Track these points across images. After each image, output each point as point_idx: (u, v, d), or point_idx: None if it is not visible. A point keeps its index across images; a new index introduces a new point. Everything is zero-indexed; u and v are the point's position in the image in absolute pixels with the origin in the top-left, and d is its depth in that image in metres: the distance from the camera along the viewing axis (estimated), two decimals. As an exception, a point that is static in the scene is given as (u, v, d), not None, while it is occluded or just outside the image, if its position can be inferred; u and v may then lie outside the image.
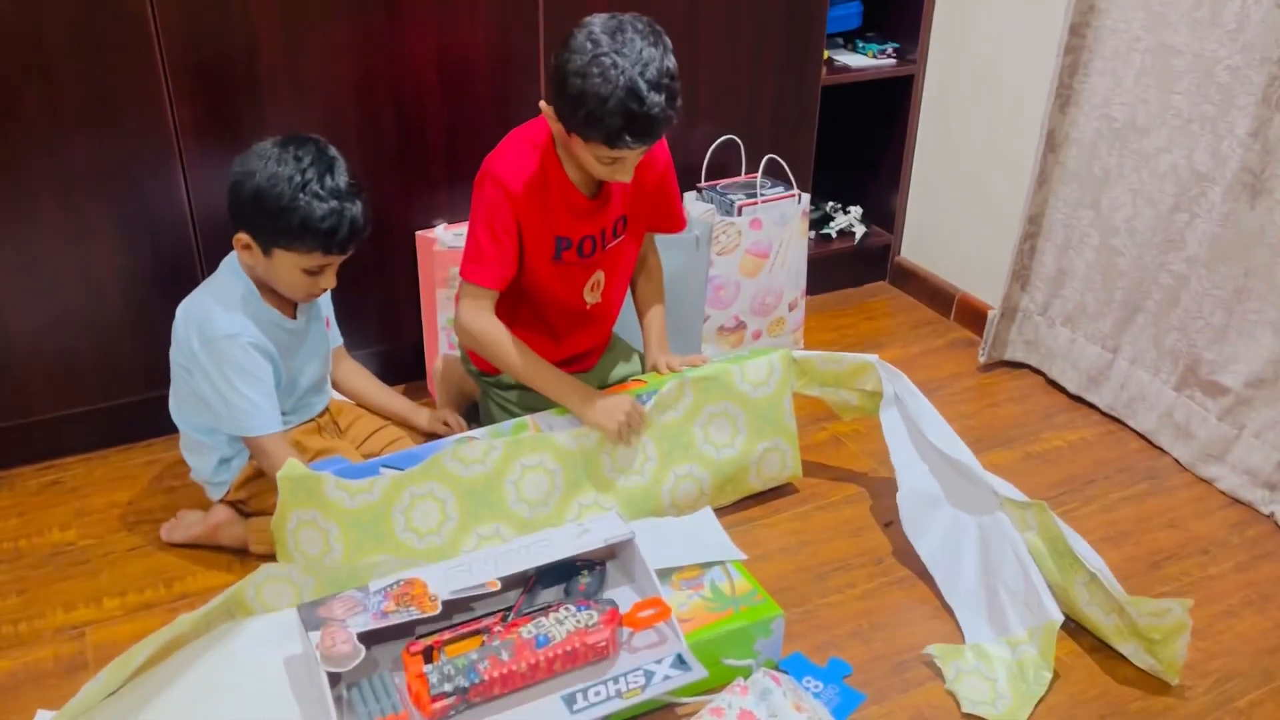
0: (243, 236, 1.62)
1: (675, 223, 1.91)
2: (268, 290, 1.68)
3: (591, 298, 1.84)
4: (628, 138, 1.54)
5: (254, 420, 1.65)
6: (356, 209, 1.61)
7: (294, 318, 1.73)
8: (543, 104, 1.63)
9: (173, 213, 1.88)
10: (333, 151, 1.63)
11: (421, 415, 1.97)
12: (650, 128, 1.54)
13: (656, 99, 1.52)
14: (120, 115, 1.78)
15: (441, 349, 2.13)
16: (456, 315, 1.75)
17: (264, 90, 1.87)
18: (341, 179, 1.61)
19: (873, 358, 1.84)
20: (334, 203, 1.58)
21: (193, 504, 1.82)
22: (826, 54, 2.45)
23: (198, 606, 1.61)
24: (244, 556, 1.74)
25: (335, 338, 1.90)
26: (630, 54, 1.51)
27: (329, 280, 1.67)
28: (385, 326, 2.17)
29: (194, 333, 1.63)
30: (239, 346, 1.61)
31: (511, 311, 1.78)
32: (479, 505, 1.62)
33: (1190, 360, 2.01)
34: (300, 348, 1.75)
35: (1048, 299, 2.27)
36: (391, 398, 1.98)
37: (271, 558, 1.59)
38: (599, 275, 1.83)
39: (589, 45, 1.52)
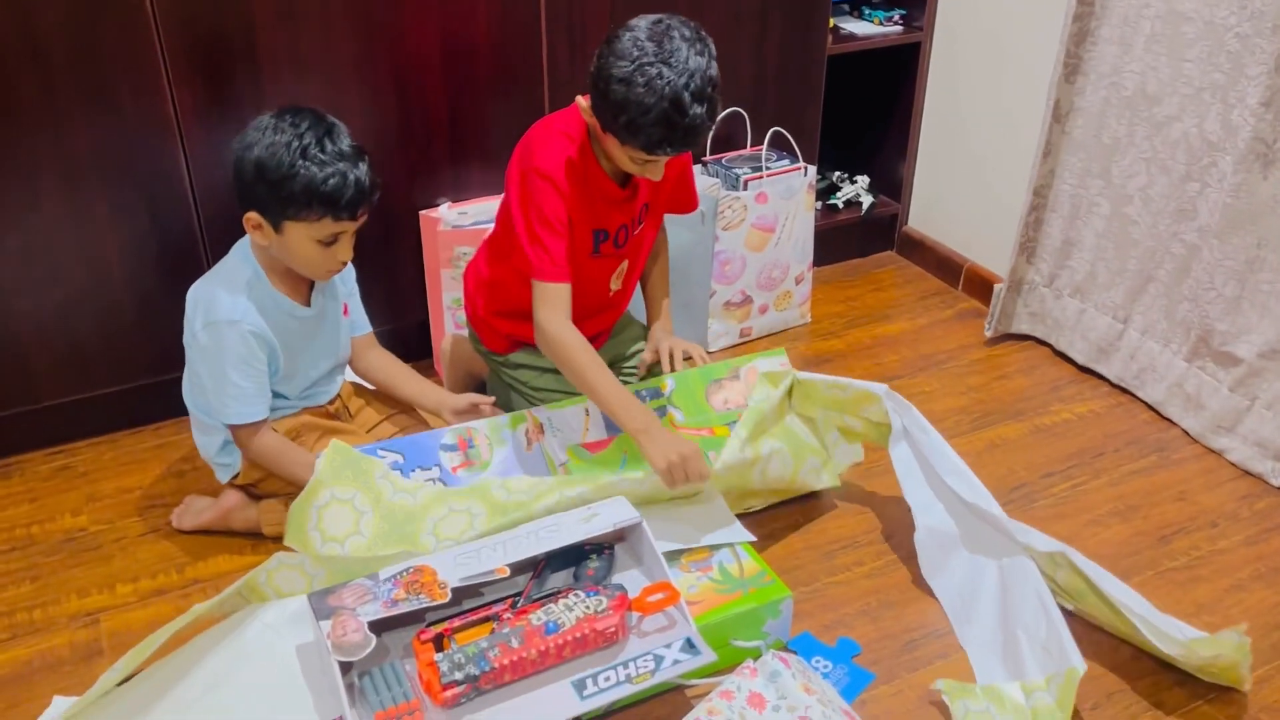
0: (252, 216, 1.59)
1: (691, 203, 1.90)
2: (282, 274, 1.66)
3: (615, 285, 1.83)
4: (668, 148, 1.53)
5: (238, 407, 1.63)
6: (361, 171, 1.58)
7: (308, 305, 1.70)
8: (580, 100, 1.60)
9: (175, 195, 1.88)
10: (331, 118, 1.60)
11: (452, 404, 1.83)
12: (691, 138, 1.53)
13: (699, 111, 1.50)
14: (119, 99, 1.77)
15: (447, 329, 2.13)
16: (539, 323, 1.65)
17: (264, 70, 1.85)
18: (343, 142, 1.58)
19: (881, 388, 1.70)
20: (338, 164, 1.55)
21: (203, 489, 1.82)
22: (832, 21, 2.42)
23: (210, 592, 1.64)
24: (256, 541, 1.75)
25: (362, 325, 1.85)
26: (677, 64, 1.48)
27: (345, 251, 1.64)
28: (390, 307, 2.16)
29: (199, 314, 1.62)
30: (238, 332, 1.60)
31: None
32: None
33: (1202, 331, 1.99)
34: (313, 339, 1.73)
35: (1054, 270, 2.26)
36: (423, 386, 1.85)
37: (280, 541, 1.59)
38: (625, 264, 1.82)
39: (634, 51, 1.49)
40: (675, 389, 1.80)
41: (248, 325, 1.61)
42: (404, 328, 2.20)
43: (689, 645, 1.40)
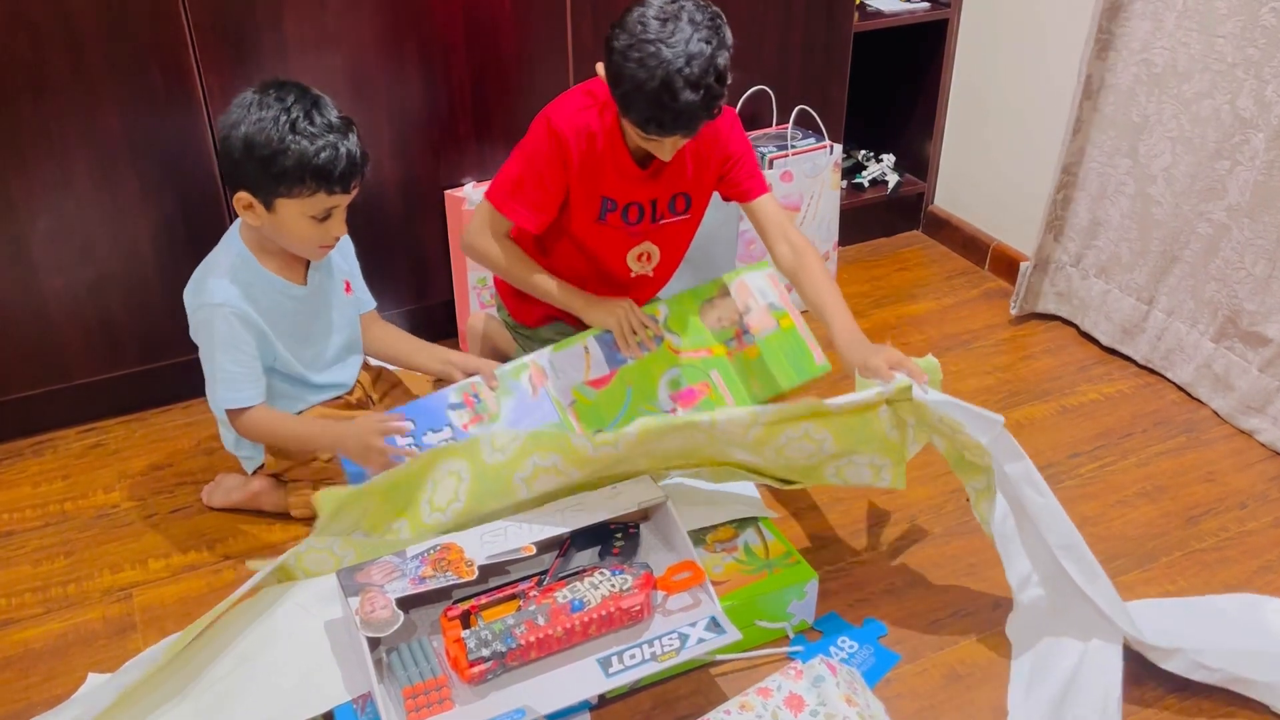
0: (243, 195, 1.56)
1: (753, 189, 1.79)
2: (275, 255, 1.64)
3: (639, 268, 1.82)
4: (655, 128, 1.53)
5: (225, 391, 1.61)
6: (352, 142, 1.55)
7: (304, 283, 1.68)
8: (599, 66, 1.60)
9: (204, 174, 1.89)
10: (316, 91, 1.57)
11: (461, 363, 1.76)
12: (679, 123, 1.53)
13: (690, 97, 1.49)
14: (149, 78, 1.78)
15: (473, 307, 2.13)
16: (467, 233, 1.78)
17: (290, 49, 1.86)
18: (331, 114, 1.55)
19: (994, 428, 1.45)
20: (328, 137, 1.52)
21: (232, 466, 1.84)
22: (859, -1, 2.40)
23: (240, 568, 1.66)
24: (285, 520, 1.77)
25: (366, 302, 1.84)
26: (676, 45, 1.48)
27: (339, 226, 1.61)
28: (416, 286, 2.17)
29: (190, 302, 1.63)
30: (221, 315, 1.59)
31: (553, 270, 1.79)
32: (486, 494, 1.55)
33: (1230, 311, 1.97)
34: (315, 317, 1.71)
35: (1081, 250, 2.24)
36: (431, 352, 1.81)
37: (311, 523, 1.60)
38: (648, 247, 1.81)
39: (638, 28, 1.49)
40: (669, 314, 1.82)
41: (231, 308, 1.59)
42: (430, 307, 2.21)
43: (714, 624, 1.41)
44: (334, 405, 1.77)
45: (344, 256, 1.77)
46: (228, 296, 1.59)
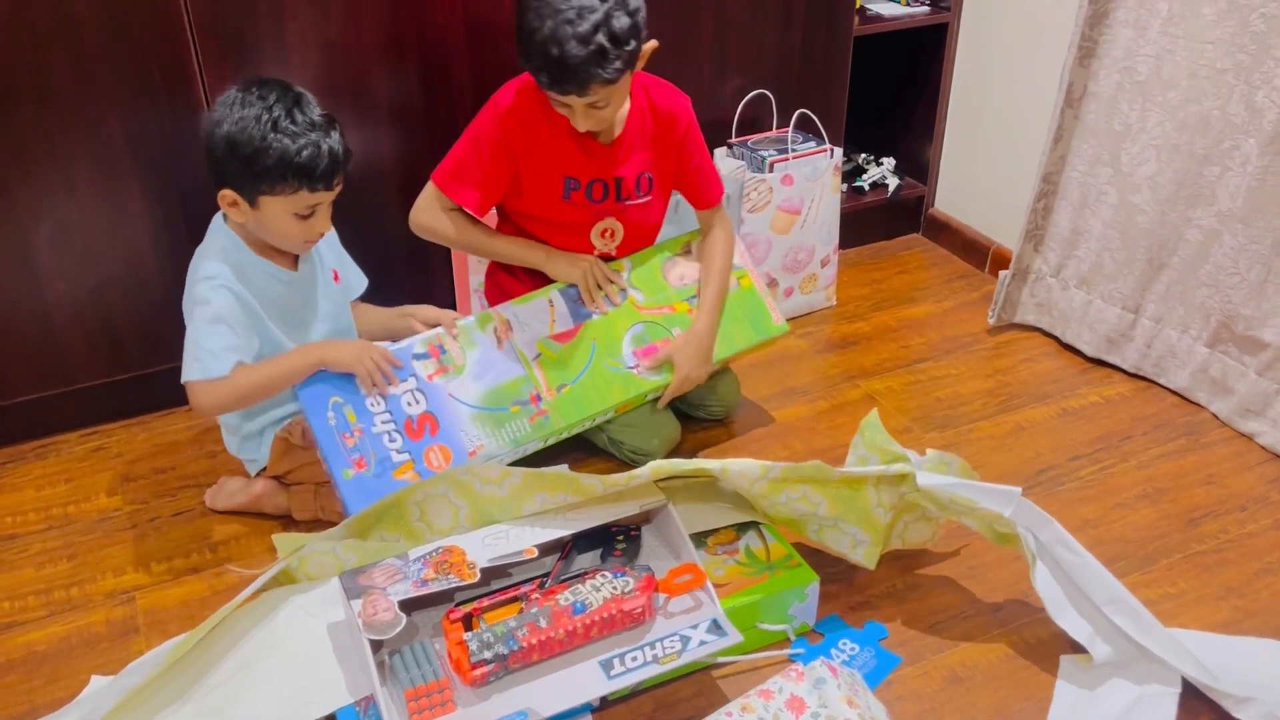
0: (227, 193, 1.57)
1: (709, 195, 1.90)
2: (262, 247, 1.64)
3: (602, 244, 1.85)
4: (544, 79, 1.58)
5: (202, 363, 1.57)
6: (334, 140, 1.56)
7: (294, 269, 1.68)
8: None
9: (205, 180, 1.87)
10: (299, 88, 1.58)
11: (421, 315, 1.79)
12: (567, 77, 1.56)
13: (577, 51, 1.53)
14: (151, 85, 1.79)
15: (474, 311, 2.13)
16: (415, 212, 1.81)
17: (292, 52, 1.86)
18: (313, 112, 1.56)
19: (1012, 500, 1.45)
20: (310, 135, 1.53)
21: (234, 469, 1.85)
22: (859, 3, 2.40)
23: (242, 571, 1.67)
24: (287, 523, 1.77)
25: (355, 287, 1.82)
26: (573, 1, 1.53)
27: (323, 223, 1.62)
28: (417, 291, 2.16)
29: (188, 279, 1.62)
30: (212, 287, 1.58)
31: None
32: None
33: (1224, 316, 1.97)
34: (304, 304, 1.70)
35: (1061, 260, 2.22)
36: (386, 313, 1.83)
37: (313, 525, 1.61)
38: (612, 223, 1.84)
39: None
40: (632, 269, 1.86)
41: (222, 280, 1.58)
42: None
43: (715, 626, 1.41)
44: None
45: (329, 247, 1.77)
46: (219, 272, 1.59)
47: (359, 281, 1.85)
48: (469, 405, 1.69)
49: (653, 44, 1.67)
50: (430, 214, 1.81)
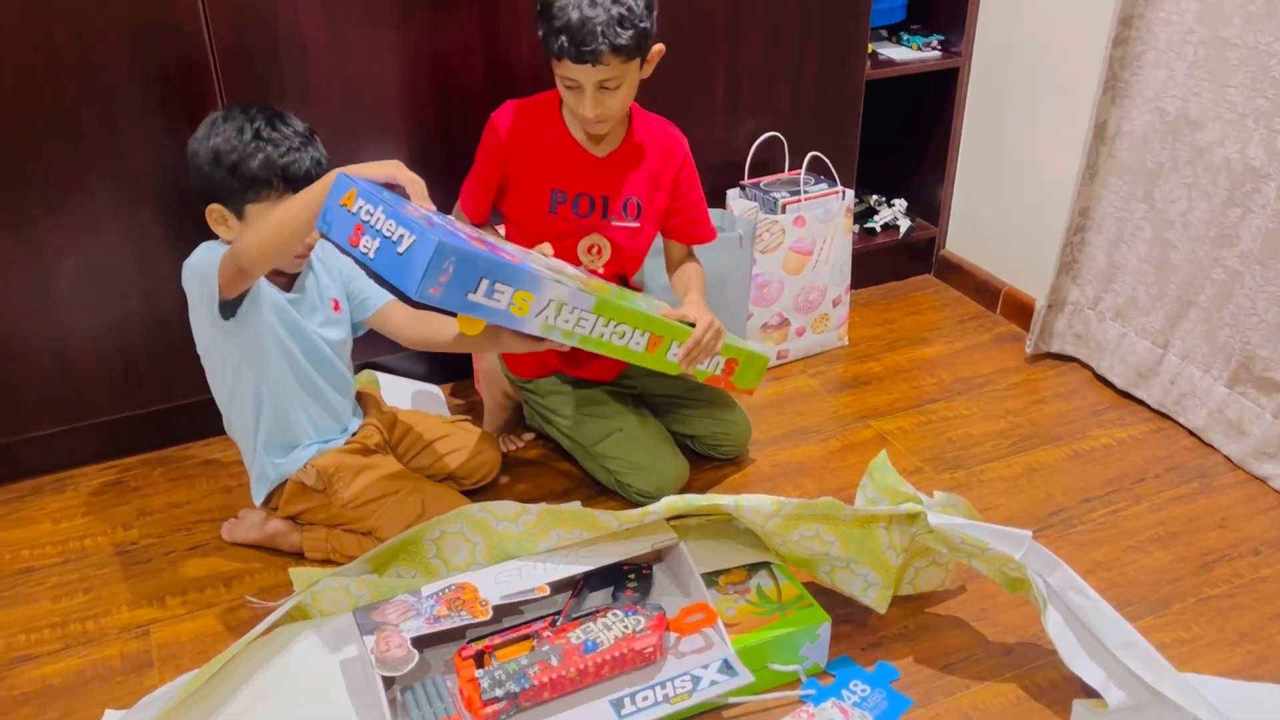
0: (214, 208, 1.59)
1: (700, 230, 1.94)
2: None
3: (589, 260, 1.87)
4: (563, 43, 1.62)
5: (206, 252, 1.57)
6: (316, 148, 1.59)
7: (288, 290, 1.69)
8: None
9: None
10: (279, 109, 1.62)
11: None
12: (586, 39, 1.61)
13: (597, 14, 1.61)
14: (176, 127, 1.82)
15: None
16: None
17: (313, 96, 1.90)
18: (293, 123, 1.60)
19: (1022, 543, 1.45)
20: (292, 140, 1.58)
21: (249, 504, 1.86)
22: (870, 48, 2.44)
23: (256, 606, 1.67)
24: (300, 560, 1.78)
25: (378, 297, 1.80)
26: None
27: (310, 235, 1.57)
28: (433, 327, 2.20)
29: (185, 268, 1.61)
30: (209, 248, 1.58)
31: None
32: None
33: (1243, 357, 1.98)
34: (304, 328, 1.69)
35: (1099, 293, 2.25)
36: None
37: (324, 565, 1.61)
38: (598, 239, 1.86)
39: None
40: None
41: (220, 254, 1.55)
42: (446, 348, 2.23)
43: (726, 666, 1.42)
44: (350, 450, 1.77)
45: (330, 273, 1.77)
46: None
47: (379, 295, 1.81)
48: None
49: (660, 47, 1.73)
50: None
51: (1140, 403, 2.20)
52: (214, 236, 1.65)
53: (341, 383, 1.79)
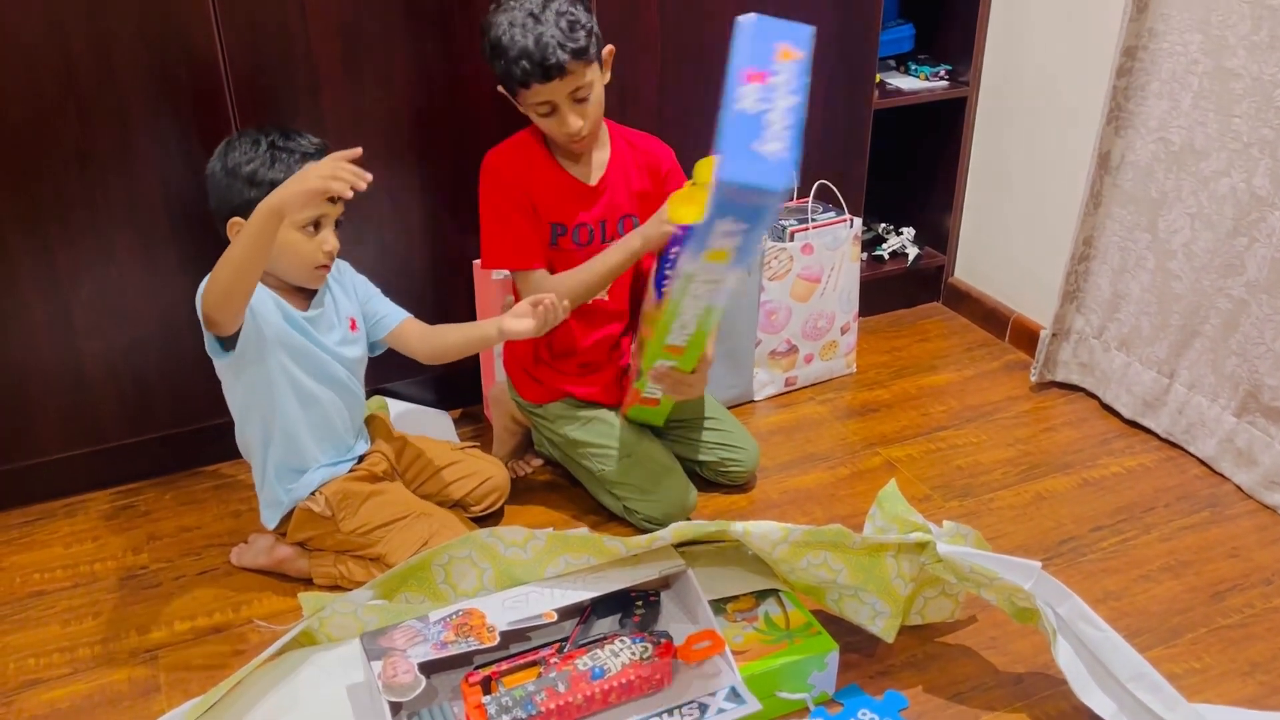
0: (235, 222, 1.60)
1: None
2: (275, 289, 1.66)
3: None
4: (526, 69, 1.65)
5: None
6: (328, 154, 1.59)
7: (304, 309, 1.70)
8: (500, 88, 1.75)
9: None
10: (289, 128, 1.68)
11: (507, 325, 1.71)
12: (547, 55, 1.64)
13: (549, 30, 1.65)
14: (190, 152, 1.85)
15: (497, 375, 2.17)
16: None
17: (327, 123, 1.92)
18: (305, 136, 1.66)
19: (1032, 574, 1.46)
20: (307, 148, 1.63)
21: (259, 529, 1.87)
22: (879, 77, 2.46)
23: (264, 630, 1.68)
24: (308, 586, 1.78)
25: (395, 315, 1.81)
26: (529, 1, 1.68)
27: (330, 239, 1.64)
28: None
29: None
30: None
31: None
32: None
33: (1251, 386, 1.98)
34: (317, 352, 1.69)
35: (1104, 322, 2.25)
36: (469, 331, 1.80)
37: (332, 590, 1.62)
38: None
39: (499, 6, 1.70)
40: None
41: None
42: (455, 372, 2.24)
43: (734, 694, 1.41)
44: (357, 477, 1.77)
45: (346, 292, 1.78)
46: None
47: (395, 314, 1.82)
48: None
49: (611, 47, 1.78)
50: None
51: (1149, 432, 2.19)
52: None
53: (354, 402, 1.79)
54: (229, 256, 1.49)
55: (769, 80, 1.32)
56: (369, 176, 1.48)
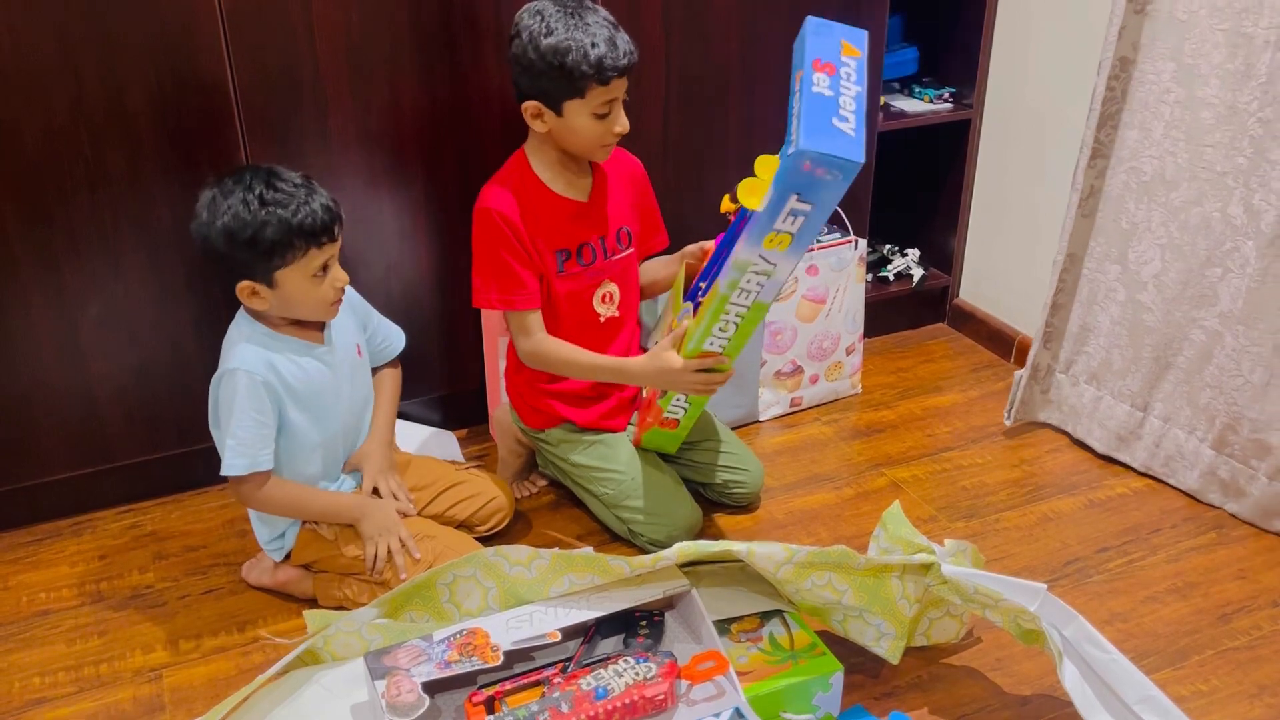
0: (245, 284, 1.61)
1: (659, 237, 1.99)
2: (289, 328, 1.69)
3: (605, 310, 1.90)
4: (598, 67, 1.64)
5: (232, 457, 1.64)
6: (320, 194, 1.61)
7: (322, 342, 1.72)
8: (526, 105, 1.74)
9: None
10: (267, 165, 1.65)
11: (367, 480, 1.80)
12: (618, 54, 1.66)
13: (608, 30, 1.67)
14: (199, 175, 1.86)
15: (502, 397, 2.17)
16: (520, 349, 1.85)
17: (334, 147, 1.94)
18: (290, 176, 1.62)
19: (1037, 595, 1.45)
20: (298, 195, 1.59)
21: (264, 548, 1.88)
22: (883, 100, 2.47)
23: (269, 649, 1.68)
24: (313, 606, 1.78)
25: (395, 345, 1.89)
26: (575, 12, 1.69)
27: (340, 276, 1.65)
28: (448, 373, 2.22)
29: (218, 371, 1.67)
30: (241, 377, 1.62)
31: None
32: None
33: (1229, 419, 1.95)
34: (335, 375, 1.73)
35: (1071, 356, 2.22)
36: (371, 435, 1.84)
37: (336, 610, 1.62)
38: (609, 286, 1.89)
39: (540, 17, 1.68)
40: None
41: (249, 369, 1.62)
42: (460, 394, 2.25)
43: (738, 715, 1.41)
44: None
45: (351, 317, 1.80)
46: (251, 362, 1.63)
47: (398, 339, 1.89)
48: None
49: None
50: (541, 341, 1.83)
51: (1125, 466, 2.15)
52: (237, 304, 1.69)
53: (354, 432, 1.83)
54: (298, 507, 1.74)
55: (837, 71, 1.41)
56: (418, 556, 1.71)
